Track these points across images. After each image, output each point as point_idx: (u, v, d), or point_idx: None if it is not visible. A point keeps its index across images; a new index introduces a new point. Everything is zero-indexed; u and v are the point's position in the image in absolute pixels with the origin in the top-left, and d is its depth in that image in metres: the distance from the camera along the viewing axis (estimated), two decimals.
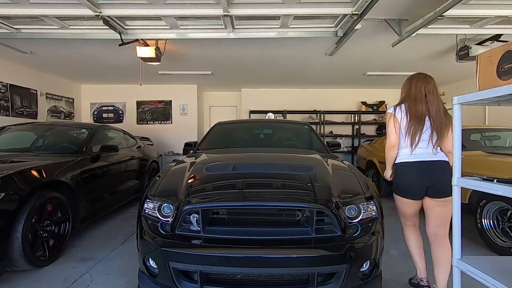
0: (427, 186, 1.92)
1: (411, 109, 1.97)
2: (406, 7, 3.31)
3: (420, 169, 1.94)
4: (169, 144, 8.17)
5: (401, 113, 2.00)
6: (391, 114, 2.04)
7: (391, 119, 2.04)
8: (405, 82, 2.12)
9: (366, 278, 1.69)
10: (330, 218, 1.68)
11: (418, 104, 1.96)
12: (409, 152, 1.97)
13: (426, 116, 1.95)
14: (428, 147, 1.94)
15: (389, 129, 2.04)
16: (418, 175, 1.94)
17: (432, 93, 1.98)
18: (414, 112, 1.96)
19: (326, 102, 8.44)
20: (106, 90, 8.11)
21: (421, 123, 1.94)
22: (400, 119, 2.00)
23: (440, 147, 1.96)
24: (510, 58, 1.24)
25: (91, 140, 3.60)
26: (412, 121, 1.95)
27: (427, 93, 1.98)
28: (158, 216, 1.81)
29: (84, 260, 2.62)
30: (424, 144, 1.94)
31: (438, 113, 1.94)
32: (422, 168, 1.93)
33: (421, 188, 1.94)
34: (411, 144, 1.95)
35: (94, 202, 3.30)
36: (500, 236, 2.77)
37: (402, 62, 5.71)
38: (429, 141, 1.94)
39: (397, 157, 2.06)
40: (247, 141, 3.55)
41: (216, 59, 5.52)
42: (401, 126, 2.00)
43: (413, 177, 1.96)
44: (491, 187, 1.20)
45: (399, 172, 2.04)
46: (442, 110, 1.96)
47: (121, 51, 4.47)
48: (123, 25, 3.55)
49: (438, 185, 1.90)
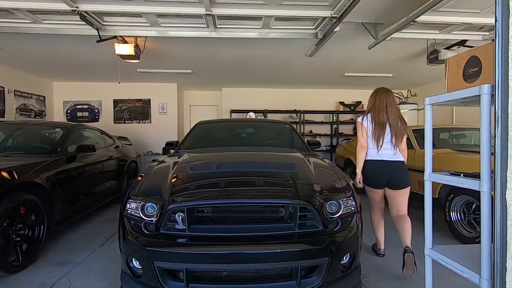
0: (387, 179, 2.46)
1: (375, 118, 2.47)
2: (381, 12, 3.47)
3: (383, 166, 2.45)
4: (148, 143, 7.98)
5: (367, 122, 2.50)
6: (360, 123, 2.54)
7: (359, 127, 2.54)
8: (371, 95, 2.60)
9: (347, 270, 1.78)
10: (313, 213, 1.75)
11: (381, 113, 2.46)
12: (376, 152, 2.47)
13: (387, 123, 2.44)
14: (390, 149, 2.44)
15: (359, 135, 2.55)
16: (381, 170, 2.46)
17: (391, 104, 2.48)
18: (378, 120, 2.45)
19: (306, 102, 8.61)
20: (80, 87, 7.78)
21: (383, 129, 2.44)
22: (367, 127, 2.50)
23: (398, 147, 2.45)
24: (475, 63, 1.36)
25: (67, 139, 3.46)
26: (376, 127, 2.45)
27: (387, 104, 2.47)
28: (141, 216, 1.79)
29: (61, 264, 2.53)
30: (388, 146, 2.44)
31: (396, 121, 2.44)
32: (384, 165, 2.45)
33: (383, 180, 2.47)
34: (377, 146, 2.44)
35: (70, 204, 3.18)
36: (466, 227, 2.99)
37: (378, 64, 5.96)
38: (391, 143, 2.43)
39: (367, 156, 2.54)
40: (229, 140, 3.56)
41: (197, 58, 5.48)
42: (368, 132, 2.49)
43: (377, 172, 2.48)
44: (458, 181, 1.31)
45: (367, 167, 2.53)
46: (399, 118, 2.46)
47: (98, 47, 4.32)
48: (101, 21, 3.43)
49: (395, 179, 2.44)
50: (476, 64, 1.33)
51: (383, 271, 2.41)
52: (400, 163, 2.45)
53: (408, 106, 7.97)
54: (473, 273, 1.22)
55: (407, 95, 8.58)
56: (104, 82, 7.71)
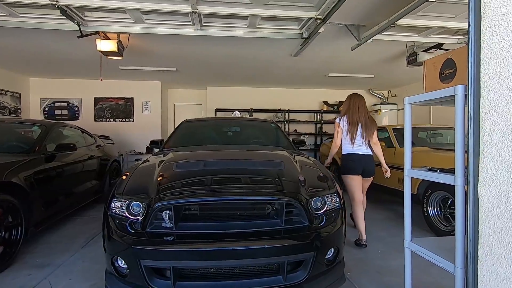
0: (362, 170, 2.95)
1: (350, 118, 2.96)
2: (364, 14, 3.58)
3: (358, 158, 2.95)
4: (131, 142, 7.81)
5: (343, 123, 3.00)
6: (338, 124, 3.03)
7: (337, 127, 3.04)
8: (346, 100, 3.10)
9: (331, 264, 1.83)
10: (298, 209, 1.79)
11: (354, 115, 2.95)
12: (351, 147, 2.97)
13: (359, 123, 2.94)
14: (362, 145, 2.96)
15: (335, 134, 3.07)
16: (357, 162, 2.94)
17: (363, 107, 3.00)
18: (352, 120, 2.95)
19: (290, 101, 8.70)
20: (59, 84, 7.50)
21: (356, 127, 2.94)
22: (343, 127, 3.00)
23: (369, 143, 2.98)
24: (450, 65, 1.44)
25: (45, 138, 3.34)
26: (350, 126, 2.95)
27: (359, 107, 2.98)
28: (126, 214, 1.77)
29: (40, 267, 2.44)
30: (360, 142, 2.95)
31: (366, 121, 2.96)
32: (359, 158, 2.95)
33: (359, 168, 2.95)
34: (351, 142, 2.95)
35: (49, 204, 3.07)
36: (443, 221, 3.14)
37: (360, 65, 6.12)
38: (362, 139, 2.94)
39: (343, 150, 3.03)
40: (215, 139, 3.56)
41: (182, 56, 5.42)
42: (344, 131, 2.99)
43: (355, 162, 2.95)
44: (435, 176, 1.39)
45: (346, 159, 2.99)
46: (369, 119, 2.98)
47: (79, 43, 4.20)
48: (82, 16, 3.33)
49: (368, 170, 2.98)
50: (451, 66, 1.41)
51: (365, 264, 2.50)
52: (371, 156, 3.00)
53: (389, 106, 8.24)
54: (448, 262, 1.30)
55: (387, 95, 8.87)
56: (85, 79, 7.47)
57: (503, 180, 0.98)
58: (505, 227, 0.98)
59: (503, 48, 0.98)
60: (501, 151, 0.99)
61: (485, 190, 1.05)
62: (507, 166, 0.97)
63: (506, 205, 0.97)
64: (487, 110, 1.04)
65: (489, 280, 1.04)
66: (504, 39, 0.97)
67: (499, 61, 0.99)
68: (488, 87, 1.03)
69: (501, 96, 0.99)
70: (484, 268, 1.06)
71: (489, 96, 1.03)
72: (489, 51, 1.02)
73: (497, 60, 1.00)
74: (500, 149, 0.99)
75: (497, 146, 1.00)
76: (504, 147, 0.98)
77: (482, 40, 1.05)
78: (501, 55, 0.99)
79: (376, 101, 8.96)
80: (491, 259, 1.03)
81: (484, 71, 1.05)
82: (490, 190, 1.03)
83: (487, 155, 1.04)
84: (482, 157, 1.06)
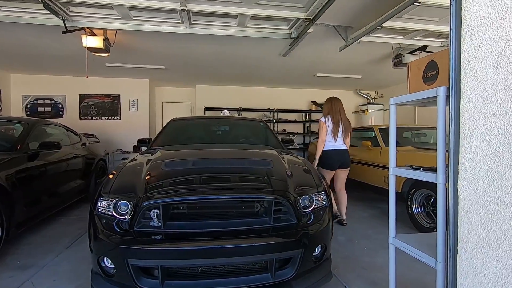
0: (340, 163, 3.45)
1: (333, 118, 3.45)
2: (351, 16, 3.64)
3: (338, 153, 3.44)
4: (117, 141, 7.67)
5: (328, 122, 3.46)
6: (323, 123, 3.46)
7: (322, 126, 3.46)
8: (327, 102, 3.58)
9: (318, 261, 1.86)
10: (287, 207, 1.81)
11: (336, 115, 3.46)
12: (333, 144, 3.44)
13: (340, 122, 3.44)
14: (341, 141, 3.47)
15: (321, 132, 3.47)
16: (337, 156, 3.43)
17: (342, 109, 3.52)
18: (335, 120, 3.44)
19: (279, 101, 8.75)
20: (42, 81, 7.27)
21: (338, 127, 3.43)
22: (327, 125, 3.46)
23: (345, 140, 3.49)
24: (433, 67, 1.49)
25: (28, 136, 3.24)
26: (334, 125, 3.43)
27: (340, 108, 3.50)
28: (113, 214, 1.74)
29: (23, 268, 2.37)
30: (340, 139, 3.46)
31: (345, 121, 3.49)
32: (339, 152, 3.44)
33: (337, 163, 3.45)
34: (334, 139, 3.43)
35: (32, 204, 2.99)
36: (426, 218, 3.24)
37: (348, 66, 6.22)
38: (342, 137, 3.46)
39: (326, 146, 3.45)
40: (204, 137, 3.54)
41: (171, 54, 5.36)
42: (328, 129, 3.45)
43: (335, 157, 3.43)
44: (418, 174, 1.43)
45: (327, 155, 3.43)
46: (347, 119, 3.51)
47: (64, 39, 4.08)
48: (67, 11, 3.24)
49: (345, 162, 3.47)
50: (434, 68, 1.46)
51: (352, 261, 2.55)
52: (347, 150, 3.54)
53: (375, 107, 8.41)
54: (430, 257, 1.35)
55: (374, 96, 9.05)
56: (69, 76, 7.27)
57: (480, 178, 1.03)
58: (482, 223, 1.03)
59: (481, 52, 1.02)
60: (479, 150, 1.04)
61: (464, 188, 1.10)
62: (484, 165, 1.02)
63: (483, 202, 1.02)
64: (466, 111, 1.08)
65: (467, 273, 1.09)
66: (482, 43, 1.02)
67: (477, 64, 1.04)
68: (467, 89, 1.08)
69: (479, 97, 1.03)
70: (463, 262, 1.11)
71: (468, 97, 1.08)
72: (469, 55, 1.07)
73: (476, 63, 1.04)
74: (478, 148, 1.04)
75: (475, 145, 1.05)
76: (482, 146, 1.02)
77: (463, 44, 1.09)
78: (479, 59, 1.03)
79: (363, 101, 9.13)
80: (469, 253, 1.08)
81: (464, 73, 1.09)
82: (469, 187, 1.08)
83: (466, 154, 1.09)
84: (462, 156, 1.11)
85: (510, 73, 0.93)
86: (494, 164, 0.98)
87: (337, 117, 3.43)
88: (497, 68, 0.97)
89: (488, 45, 1.00)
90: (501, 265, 0.97)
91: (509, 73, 0.94)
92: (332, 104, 3.50)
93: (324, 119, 3.47)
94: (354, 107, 9.25)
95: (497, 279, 0.98)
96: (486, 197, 1.01)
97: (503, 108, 0.95)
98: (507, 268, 0.95)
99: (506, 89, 0.94)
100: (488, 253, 1.01)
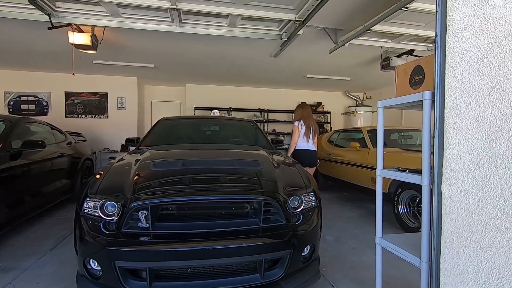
0: (309, 161, 3.91)
1: (305, 122, 3.94)
2: (341, 19, 3.69)
3: (309, 153, 3.93)
4: (105, 140, 7.52)
5: (301, 126, 3.96)
6: (297, 127, 3.97)
7: (296, 129, 3.96)
8: (298, 108, 4.13)
9: (307, 261, 1.88)
10: (276, 208, 1.82)
11: (307, 119, 3.96)
12: (306, 144, 3.93)
13: (311, 126, 3.94)
14: (311, 143, 3.94)
15: (295, 135, 3.96)
16: (308, 155, 3.91)
17: (311, 113, 4.07)
18: (307, 124, 3.94)
19: (269, 101, 8.78)
20: (26, 77, 7.05)
21: (309, 130, 3.93)
22: (300, 128, 3.96)
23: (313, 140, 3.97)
24: (419, 71, 1.53)
25: (10, 134, 3.14)
26: (306, 128, 3.93)
27: (309, 114, 4.01)
28: (100, 215, 1.71)
29: (4, 271, 2.30)
30: (310, 141, 3.94)
31: (314, 124, 4.01)
32: (310, 153, 3.93)
33: (307, 162, 3.87)
34: (306, 140, 3.93)
35: (15, 205, 2.90)
36: (411, 218, 3.32)
37: (337, 68, 6.30)
38: (312, 139, 3.94)
39: (297, 146, 3.94)
40: (193, 137, 3.52)
41: (160, 52, 5.29)
42: (300, 132, 3.95)
43: (306, 157, 3.89)
44: (404, 176, 1.47)
45: (300, 154, 3.89)
46: (315, 122, 4.04)
47: (49, 35, 3.98)
48: (53, 7, 3.16)
49: (313, 161, 3.98)
50: (420, 73, 1.50)
51: (339, 261, 2.59)
52: (316, 151, 4.03)
53: (364, 108, 8.56)
54: (414, 257, 1.38)
55: (363, 97, 9.20)
56: (55, 73, 7.08)
57: (463, 180, 1.07)
58: (464, 223, 1.06)
59: (464, 58, 1.06)
60: (461, 154, 1.07)
61: (448, 189, 1.14)
62: (467, 167, 1.05)
63: (466, 203, 1.06)
64: (450, 116, 1.12)
65: (450, 273, 1.13)
66: (466, 50, 1.05)
67: (461, 70, 1.07)
68: (451, 94, 1.12)
69: (462, 103, 1.07)
70: (446, 262, 1.15)
71: (452, 102, 1.11)
72: (453, 61, 1.11)
73: (460, 69, 1.08)
74: (461, 152, 1.08)
75: (458, 148, 1.09)
76: (464, 149, 1.06)
77: (447, 50, 1.13)
78: (463, 65, 1.07)
79: (352, 103, 9.27)
80: (452, 253, 1.12)
81: (449, 79, 1.13)
82: (452, 189, 1.12)
83: (450, 157, 1.12)
84: (446, 159, 1.14)
85: (491, 80, 0.97)
86: (476, 167, 1.02)
87: (308, 122, 3.94)
88: (479, 75, 1.01)
89: (471, 52, 1.03)
90: (481, 265, 1.00)
91: (490, 79, 0.97)
92: (303, 110, 4.05)
93: (297, 123, 3.97)
94: (343, 109, 9.38)
95: (477, 278, 1.02)
96: (468, 199, 1.05)
97: (484, 114, 0.99)
98: (487, 267, 0.98)
99: (487, 95, 0.98)
100: (470, 253, 1.04)
